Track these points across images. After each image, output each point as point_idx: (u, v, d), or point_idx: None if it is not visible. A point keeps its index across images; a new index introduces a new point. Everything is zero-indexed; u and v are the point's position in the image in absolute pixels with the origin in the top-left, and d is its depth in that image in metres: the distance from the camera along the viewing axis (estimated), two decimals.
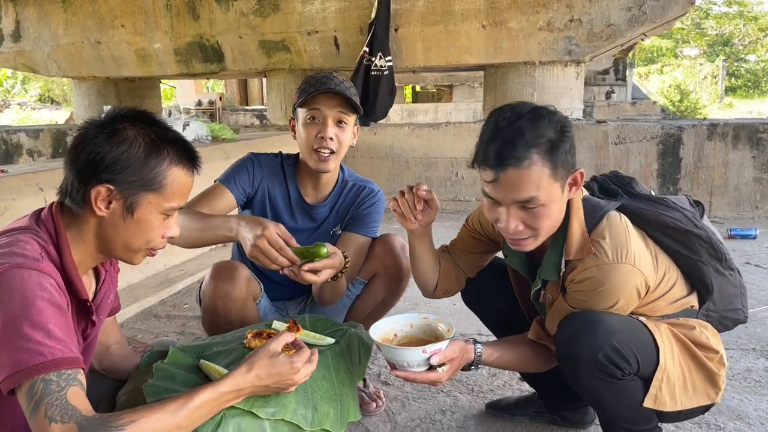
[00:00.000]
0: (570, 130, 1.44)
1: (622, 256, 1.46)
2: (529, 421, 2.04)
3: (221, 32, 6.62)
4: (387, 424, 2.05)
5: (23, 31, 7.49)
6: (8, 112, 23.99)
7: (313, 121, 1.93)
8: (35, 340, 1.02)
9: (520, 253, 1.69)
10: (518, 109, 1.44)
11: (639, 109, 14.20)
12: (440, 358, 1.47)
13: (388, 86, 6.01)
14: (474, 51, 5.98)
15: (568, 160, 1.43)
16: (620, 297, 1.49)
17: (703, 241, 1.60)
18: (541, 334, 1.67)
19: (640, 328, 1.53)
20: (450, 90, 18.58)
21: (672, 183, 5.49)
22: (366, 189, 2.13)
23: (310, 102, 1.91)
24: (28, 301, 1.04)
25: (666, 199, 1.66)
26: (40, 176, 3.02)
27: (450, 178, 6.02)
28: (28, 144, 7.16)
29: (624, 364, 1.48)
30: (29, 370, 1.00)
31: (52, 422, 0.97)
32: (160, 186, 1.23)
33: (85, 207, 1.21)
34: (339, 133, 1.93)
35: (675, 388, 1.54)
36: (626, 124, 5.68)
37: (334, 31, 6.21)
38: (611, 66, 15.78)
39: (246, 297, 1.85)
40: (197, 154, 1.32)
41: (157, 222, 1.26)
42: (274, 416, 1.29)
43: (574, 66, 6.05)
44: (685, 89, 25.99)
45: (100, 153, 1.18)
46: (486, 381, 2.37)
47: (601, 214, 1.53)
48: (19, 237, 1.15)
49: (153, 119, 1.27)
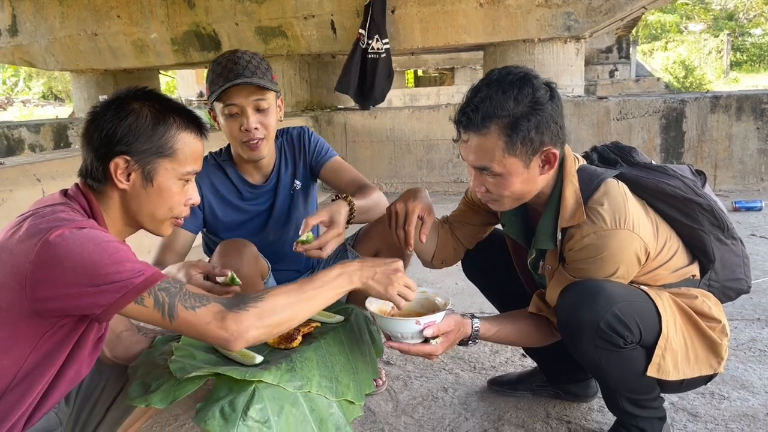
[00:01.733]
0: (543, 108, 1.41)
1: (620, 222, 1.44)
2: (532, 396, 2.03)
3: (217, 20, 6.59)
4: (389, 403, 2.05)
5: (20, 25, 7.48)
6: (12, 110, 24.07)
7: (233, 116, 1.87)
8: (128, 268, 1.10)
9: (516, 219, 1.69)
10: (503, 75, 1.44)
11: (643, 86, 14.09)
12: (434, 330, 1.47)
13: (386, 69, 5.98)
14: (472, 30, 5.93)
15: (532, 137, 1.41)
16: (620, 263, 1.47)
17: (704, 209, 1.57)
18: (541, 306, 1.66)
19: (642, 297, 1.51)
20: (452, 73, 18.48)
21: (675, 157, 5.43)
22: (294, 134, 2.11)
23: (223, 97, 1.84)
24: (99, 246, 1.10)
25: (666, 167, 1.64)
26: (36, 167, 3.01)
27: (452, 160, 5.98)
28: (29, 139, 7.17)
29: (626, 333, 1.46)
30: (141, 285, 1.09)
31: (197, 308, 1.10)
32: (172, 151, 1.27)
33: (107, 183, 1.26)
34: (262, 119, 1.87)
35: (678, 357, 1.52)
36: (628, 99, 5.62)
37: (331, 15, 6.16)
38: (614, 44, 15.64)
39: (254, 274, 1.83)
40: (201, 120, 1.37)
41: (177, 188, 1.30)
42: (301, 389, 1.31)
43: (574, 42, 5.98)
44: (689, 65, 25.79)
45: (111, 128, 1.23)
46: (488, 358, 2.35)
47: (597, 182, 1.51)
48: (59, 208, 1.19)
49: (155, 94, 1.32)
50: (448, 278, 3.34)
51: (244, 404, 1.22)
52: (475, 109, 1.42)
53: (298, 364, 1.36)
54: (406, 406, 2.03)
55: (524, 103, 1.40)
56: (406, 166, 6.13)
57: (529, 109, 1.40)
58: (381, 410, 2.01)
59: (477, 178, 1.52)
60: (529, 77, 1.43)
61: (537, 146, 1.43)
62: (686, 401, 1.96)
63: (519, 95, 1.40)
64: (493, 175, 1.47)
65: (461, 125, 1.47)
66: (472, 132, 1.44)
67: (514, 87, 1.41)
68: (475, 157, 1.47)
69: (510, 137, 1.40)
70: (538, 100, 1.41)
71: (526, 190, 1.51)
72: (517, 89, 1.40)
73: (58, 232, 1.09)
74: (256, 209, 2.04)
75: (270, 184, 2.06)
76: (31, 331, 1.11)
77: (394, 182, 6.16)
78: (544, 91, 1.43)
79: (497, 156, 1.43)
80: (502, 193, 1.50)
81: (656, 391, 1.61)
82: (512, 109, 1.40)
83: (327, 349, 1.46)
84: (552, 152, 1.45)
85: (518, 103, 1.40)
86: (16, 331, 1.11)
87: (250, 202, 2.05)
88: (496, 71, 1.47)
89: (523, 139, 1.41)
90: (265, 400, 1.25)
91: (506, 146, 1.42)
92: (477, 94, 1.44)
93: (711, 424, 1.85)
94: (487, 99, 1.41)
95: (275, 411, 1.25)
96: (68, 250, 1.07)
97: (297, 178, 2.08)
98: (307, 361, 1.38)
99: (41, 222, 1.13)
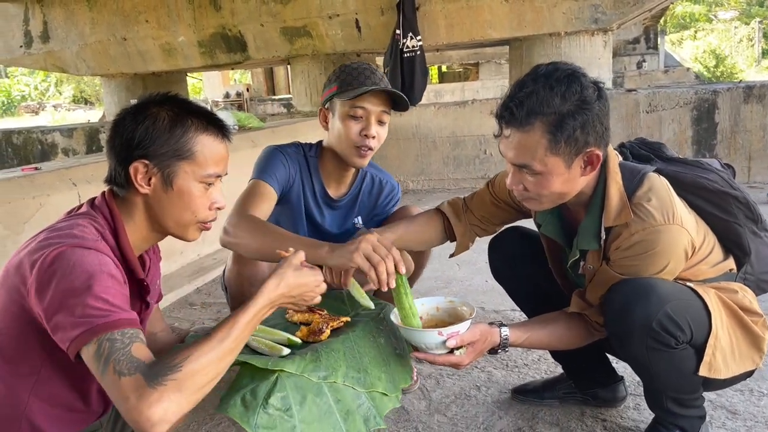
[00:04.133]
0: (591, 108, 1.36)
1: (669, 217, 1.41)
2: (560, 404, 1.98)
3: (243, 21, 6.64)
4: (422, 401, 2.06)
5: (51, 31, 7.63)
6: (44, 114, 24.60)
7: (355, 118, 1.86)
8: (96, 306, 1.07)
9: (553, 219, 1.66)
10: (550, 70, 1.39)
11: (672, 77, 13.79)
12: (458, 341, 1.44)
13: (422, 67, 5.90)
14: (497, 25, 5.88)
15: (577, 137, 1.37)
16: (670, 259, 1.44)
17: (740, 202, 1.55)
18: (583, 305, 1.61)
19: (690, 294, 1.48)
20: (476, 68, 18.36)
21: (708, 149, 5.33)
22: (388, 185, 2.10)
23: (355, 98, 1.85)
24: (88, 273, 1.09)
25: (701, 161, 1.62)
26: (72, 172, 3.08)
27: (479, 156, 5.96)
28: (62, 143, 7.32)
29: (678, 332, 1.43)
30: (95, 329, 1.05)
31: (122, 376, 1.02)
32: (190, 153, 1.26)
33: (130, 189, 1.27)
34: (380, 130, 1.90)
35: (726, 354, 1.50)
36: (657, 92, 5.53)
37: (355, 14, 6.17)
38: (642, 34, 15.38)
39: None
40: (223, 122, 1.35)
41: (198, 192, 1.29)
42: (326, 380, 1.31)
43: (602, 35, 5.90)
44: (720, 54, 25.22)
45: (130, 133, 1.24)
46: (520, 355, 2.34)
47: (640, 177, 1.48)
48: (78, 221, 1.21)
49: (177, 98, 1.32)
50: (478, 276, 3.33)
51: (265, 392, 1.23)
52: (520, 104, 1.37)
53: (324, 355, 1.35)
54: (439, 405, 2.03)
55: (571, 101, 1.35)
56: (432, 163, 6.12)
57: (576, 108, 1.36)
58: (414, 408, 2.01)
59: (515, 175, 1.47)
60: (578, 75, 1.39)
61: (581, 146, 1.39)
62: (725, 398, 1.93)
63: (567, 92, 1.35)
64: (533, 174, 1.42)
65: (503, 120, 1.42)
66: (514, 128, 1.40)
67: (562, 84, 1.36)
68: (516, 154, 1.42)
69: (554, 135, 1.36)
70: (585, 99, 1.36)
71: (566, 191, 1.47)
72: (565, 86, 1.36)
73: (59, 251, 1.11)
74: (323, 221, 2.04)
75: (344, 205, 2.06)
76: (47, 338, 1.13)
77: (420, 179, 6.16)
78: (592, 90, 1.38)
79: (539, 154, 1.38)
80: (540, 192, 1.45)
81: (701, 389, 1.58)
82: (558, 107, 1.35)
83: (356, 341, 1.46)
84: (595, 154, 1.41)
85: (565, 100, 1.35)
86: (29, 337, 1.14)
87: (324, 213, 2.04)
88: (543, 66, 1.41)
89: (568, 138, 1.36)
90: (288, 389, 1.25)
91: (549, 144, 1.37)
92: (522, 88, 1.39)
93: (750, 421, 1.82)
94: (532, 94, 1.36)
95: (297, 400, 1.25)
96: (61, 273, 1.09)
97: (361, 216, 2.09)
98: (334, 352, 1.38)
99: (52, 236, 1.15)
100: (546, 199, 1.49)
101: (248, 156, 2.09)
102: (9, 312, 1.16)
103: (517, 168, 1.45)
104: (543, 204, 1.51)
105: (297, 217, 2.01)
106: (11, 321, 1.16)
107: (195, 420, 1.97)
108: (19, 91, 30.17)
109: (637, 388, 2.01)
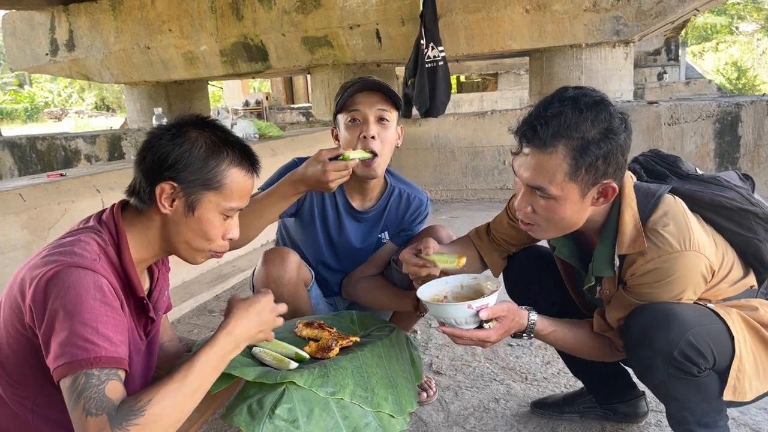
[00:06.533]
0: (616, 138, 1.34)
1: (685, 243, 1.38)
2: (580, 418, 1.97)
3: (264, 31, 6.71)
4: (440, 413, 2.05)
5: (76, 40, 7.77)
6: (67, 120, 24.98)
7: (354, 123, 1.85)
8: (83, 336, 1.06)
9: (567, 242, 1.64)
10: (578, 94, 1.36)
11: (693, 89, 13.66)
12: (488, 313, 1.42)
13: (445, 77, 5.87)
14: (518, 36, 5.88)
15: (598, 166, 1.34)
16: (687, 286, 1.41)
17: (759, 218, 1.51)
18: (604, 326, 1.58)
19: (712, 318, 1.43)
20: (495, 78, 18.33)
21: (731, 162, 5.26)
22: (416, 200, 2.07)
23: (348, 104, 1.85)
24: (80, 299, 1.09)
25: (719, 177, 1.58)
26: (96, 178, 3.12)
27: (497, 167, 5.94)
28: (85, 149, 7.43)
29: (701, 360, 1.37)
30: (74, 364, 1.05)
31: (89, 415, 1.01)
32: (220, 185, 1.27)
33: (151, 205, 1.27)
34: (381, 131, 1.84)
35: (750, 377, 1.45)
36: (679, 104, 5.48)
37: (376, 24, 6.21)
38: (663, 46, 15.26)
39: (297, 281, 1.86)
40: (257, 158, 1.36)
41: (217, 222, 1.30)
42: (334, 395, 1.31)
43: (623, 47, 5.88)
44: (742, 66, 24.93)
45: (164, 153, 1.24)
46: (540, 369, 2.33)
47: (655, 200, 1.45)
48: (81, 237, 1.21)
49: (216, 125, 1.33)
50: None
51: (272, 403, 1.23)
52: (545, 123, 1.34)
53: (332, 371, 1.35)
54: (458, 417, 2.02)
55: (598, 129, 1.33)
56: (451, 173, 6.11)
57: (602, 136, 1.33)
58: (432, 420, 2.01)
59: (526, 196, 1.43)
60: (606, 102, 1.36)
61: (599, 177, 1.36)
62: (748, 416, 1.90)
63: (596, 119, 1.32)
64: (546, 198, 1.39)
65: (525, 138, 1.38)
66: (535, 147, 1.36)
67: (591, 109, 1.33)
68: (532, 175, 1.38)
69: (576, 161, 1.33)
70: (612, 129, 1.33)
71: (574, 221, 1.44)
72: (595, 112, 1.33)
73: (55, 271, 1.11)
74: (345, 234, 2.03)
75: (369, 218, 2.04)
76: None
77: (439, 189, 6.16)
78: (619, 121, 1.35)
79: (558, 179, 1.35)
80: (550, 217, 1.42)
81: (725, 409, 1.55)
82: (586, 132, 1.32)
83: (364, 360, 1.45)
84: (611, 186, 1.39)
85: (593, 126, 1.32)
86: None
87: (345, 226, 2.03)
88: (570, 89, 1.39)
89: (589, 166, 1.33)
90: (295, 401, 1.25)
91: (570, 170, 1.34)
92: (548, 108, 1.36)
93: None
94: (560, 115, 1.33)
95: (304, 413, 1.25)
96: (55, 294, 1.09)
97: (388, 231, 2.07)
98: (342, 369, 1.37)
99: (54, 253, 1.15)
100: (552, 227, 1.46)
101: (268, 165, 2.08)
102: (12, 326, 1.17)
103: (529, 189, 1.41)
104: (546, 232, 1.49)
105: (311, 229, 2.02)
106: (15, 334, 1.17)
107: (212, 428, 1.98)
108: (42, 98, 30.70)
109: (658, 404, 1.98)
